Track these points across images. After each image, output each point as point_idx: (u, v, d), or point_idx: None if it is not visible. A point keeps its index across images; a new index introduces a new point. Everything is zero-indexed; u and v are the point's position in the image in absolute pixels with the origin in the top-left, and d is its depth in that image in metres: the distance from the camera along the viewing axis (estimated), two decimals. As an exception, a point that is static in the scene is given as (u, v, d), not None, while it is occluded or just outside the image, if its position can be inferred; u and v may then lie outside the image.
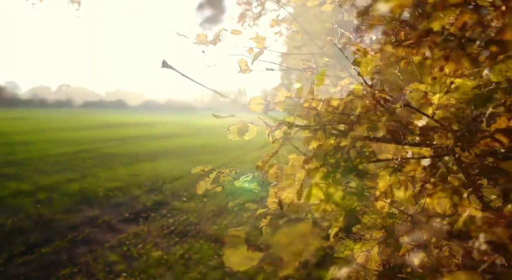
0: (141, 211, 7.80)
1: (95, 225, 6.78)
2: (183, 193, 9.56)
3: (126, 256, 5.52)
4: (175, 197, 9.13)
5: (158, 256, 5.52)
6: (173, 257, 5.54)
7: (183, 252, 5.76)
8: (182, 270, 5.12)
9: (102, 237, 6.22)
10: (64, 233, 6.21)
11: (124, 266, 5.14)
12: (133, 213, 7.67)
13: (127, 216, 7.46)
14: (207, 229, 6.88)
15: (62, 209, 7.43)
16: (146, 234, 6.50)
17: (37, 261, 5.17)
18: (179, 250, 5.80)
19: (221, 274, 5.04)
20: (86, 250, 5.63)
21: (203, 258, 5.53)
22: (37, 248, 5.57)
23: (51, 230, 6.30)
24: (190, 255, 5.66)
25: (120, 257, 5.45)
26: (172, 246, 5.97)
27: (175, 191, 9.68)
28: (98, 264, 5.17)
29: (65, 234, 6.16)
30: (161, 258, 5.48)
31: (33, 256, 5.32)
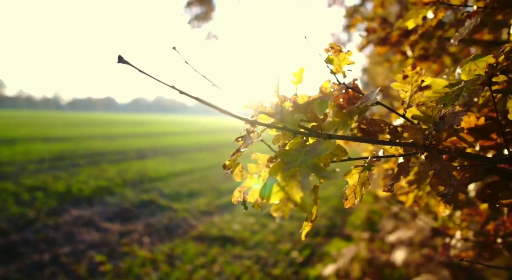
0: (127, 210, 7.71)
1: (80, 225, 6.67)
2: (171, 191, 9.50)
3: (111, 255, 5.45)
4: (163, 195, 9.05)
5: (144, 255, 5.47)
6: (159, 256, 5.49)
7: (169, 251, 5.71)
8: (168, 269, 5.08)
9: (87, 237, 6.12)
10: (47, 233, 6.09)
11: (110, 266, 5.07)
12: (119, 212, 7.58)
13: (113, 215, 7.36)
14: (194, 228, 6.84)
15: (46, 208, 7.29)
16: (132, 233, 6.43)
17: (18, 262, 5.05)
18: (165, 249, 5.76)
19: (207, 273, 5.02)
20: (69, 250, 5.53)
21: (190, 257, 5.49)
22: (17, 249, 5.45)
23: (33, 230, 6.17)
24: (177, 254, 5.62)
25: (105, 256, 5.37)
26: (158, 245, 5.92)
27: (163, 190, 9.61)
28: (82, 264, 5.09)
29: (47, 234, 6.05)
30: (147, 257, 5.42)
31: (13, 256, 5.20)
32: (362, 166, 0.77)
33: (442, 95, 0.77)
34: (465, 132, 0.80)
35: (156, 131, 35.13)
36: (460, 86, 0.76)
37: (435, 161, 0.68)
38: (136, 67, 0.52)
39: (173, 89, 0.53)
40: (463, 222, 1.66)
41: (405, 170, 0.74)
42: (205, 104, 0.55)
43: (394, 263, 4.08)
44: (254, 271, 5.13)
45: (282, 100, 0.70)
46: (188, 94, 0.55)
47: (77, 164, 12.49)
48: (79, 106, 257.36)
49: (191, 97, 0.55)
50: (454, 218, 1.87)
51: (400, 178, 0.74)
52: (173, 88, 0.53)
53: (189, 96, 0.55)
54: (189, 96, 0.55)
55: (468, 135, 0.79)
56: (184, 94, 0.54)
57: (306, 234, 0.82)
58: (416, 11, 1.00)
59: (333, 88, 0.81)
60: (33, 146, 16.21)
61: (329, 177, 0.50)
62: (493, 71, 0.76)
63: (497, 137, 0.84)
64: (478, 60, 0.80)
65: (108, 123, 47.60)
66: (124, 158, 14.61)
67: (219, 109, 0.57)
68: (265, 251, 5.84)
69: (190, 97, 0.55)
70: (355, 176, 0.78)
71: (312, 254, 5.82)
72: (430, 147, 0.70)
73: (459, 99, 0.71)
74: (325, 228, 7.13)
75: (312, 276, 4.91)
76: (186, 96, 0.58)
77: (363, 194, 0.75)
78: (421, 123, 0.77)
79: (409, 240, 4.76)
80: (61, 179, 9.88)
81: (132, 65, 0.51)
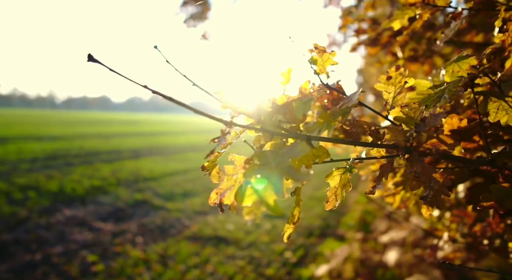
0: (121, 210, 7.66)
1: (73, 224, 6.62)
2: (165, 191, 9.46)
3: (103, 255, 5.41)
4: (157, 195, 9.01)
5: (136, 255, 5.43)
6: (152, 256, 5.46)
7: (162, 251, 5.69)
8: (161, 269, 5.05)
9: (80, 237, 6.07)
10: (39, 233, 6.04)
11: (102, 266, 5.03)
12: (113, 211, 7.53)
13: (106, 214, 7.31)
14: (187, 228, 6.81)
15: (38, 208, 7.22)
16: (125, 233, 6.39)
17: (9, 262, 5.00)
18: (159, 249, 5.73)
19: (200, 273, 5.00)
20: (61, 250, 5.49)
21: (183, 257, 5.47)
22: (8, 248, 5.39)
23: (25, 230, 6.11)
24: (170, 254, 5.59)
25: (98, 256, 5.33)
26: (151, 245, 5.89)
27: (157, 189, 9.56)
28: (73, 265, 5.04)
29: (39, 234, 5.99)
30: (140, 257, 5.39)
31: (3, 256, 5.15)
32: (344, 168, 0.76)
33: (424, 97, 0.76)
34: (445, 134, 0.79)
35: (151, 130, 35.02)
36: (442, 88, 0.76)
37: (415, 163, 0.67)
38: (107, 66, 0.50)
39: (145, 88, 0.51)
40: (452, 224, 1.67)
41: (387, 172, 0.73)
42: (178, 104, 0.54)
43: (386, 264, 4.09)
44: (247, 272, 5.11)
45: (262, 101, 0.69)
46: (160, 93, 0.54)
47: (71, 163, 12.40)
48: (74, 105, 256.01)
49: (164, 97, 0.54)
50: (444, 219, 1.88)
51: (382, 180, 0.73)
52: (145, 87, 0.52)
53: (162, 96, 0.54)
54: (162, 95, 0.54)
55: (448, 137, 0.79)
56: (157, 93, 0.53)
57: (288, 236, 0.81)
58: (402, 11, 1.00)
59: (313, 89, 0.81)
60: (26, 145, 16.07)
61: (302, 179, 0.49)
62: (475, 73, 0.76)
63: (479, 139, 0.83)
64: (461, 62, 0.79)
65: (103, 122, 47.36)
66: (118, 158, 14.53)
67: (192, 109, 0.56)
68: (258, 251, 5.83)
69: (163, 96, 0.54)
70: (336, 178, 0.77)
71: (306, 255, 5.82)
72: (411, 149, 0.69)
73: (440, 101, 0.70)
74: (319, 228, 7.13)
75: (305, 277, 4.91)
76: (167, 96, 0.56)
77: (343, 196, 0.74)
78: (403, 125, 0.77)
79: (402, 240, 4.77)
80: (54, 178, 9.80)
81: (102, 63, 0.49)
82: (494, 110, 0.75)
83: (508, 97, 0.74)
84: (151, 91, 0.53)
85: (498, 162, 0.75)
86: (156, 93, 0.53)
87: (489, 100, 0.76)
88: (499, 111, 0.74)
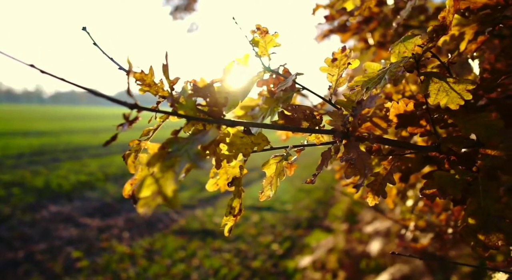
0: (108, 205, 7.58)
1: (58, 221, 6.53)
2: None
3: (88, 251, 5.35)
4: (145, 190, 8.94)
5: (122, 251, 5.38)
6: (138, 251, 5.41)
7: (148, 245, 5.64)
8: (146, 264, 5.01)
9: (65, 233, 5.99)
10: (22, 230, 5.94)
11: (86, 262, 4.97)
12: (100, 207, 7.45)
13: (93, 210, 7.23)
14: (175, 222, 6.77)
15: (22, 205, 7.10)
16: (112, 228, 6.32)
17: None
18: (145, 244, 5.68)
19: (186, 267, 4.97)
20: (45, 247, 5.41)
21: (169, 251, 5.43)
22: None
23: (8, 227, 6.01)
24: (156, 248, 5.55)
25: (82, 252, 5.27)
26: (138, 240, 5.84)
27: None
28: (57, 261, 4.98)
29: (23, 231, 5.90)
30: (126, 252, 5.34)
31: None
32: (281, 156, 0.72)
33: (368, 79, 0.72)
34: (382, 116, 0.75)
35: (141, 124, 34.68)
36: (385, 69, 0.72)
37: (351, 149, 0.63)
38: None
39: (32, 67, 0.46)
40: (420, 213, 1.65)
41: (327, 159, 0.69)
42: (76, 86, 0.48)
43: (369, 254, 4.11)
44: (233, 264, 5.10)
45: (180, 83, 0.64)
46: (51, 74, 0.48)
47: (58, 159, 12.22)
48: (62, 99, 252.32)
49: (56, 78, 0.48)
50: (417, 209, 1.86)
51: (323, 167, 0.69)
52: (32, 67, 0.46)
53: (54, 77, 0.48)
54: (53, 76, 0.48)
55: (381, 120, 0.75)
56: (46, 73, 0.48)
57: (229, 229, 0.77)
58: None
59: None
60: (12, 141, 15.79)
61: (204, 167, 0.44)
62: (420, 53, 0.72)
63: (426, 124, 0.80)
64: (407, 42, 0.75)
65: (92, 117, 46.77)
66: (107, 153, 14.36)
67: (92, 92, 0.51)
68: (245, 244, 5.83)
69: (55, 77, 0.48)
70: (273, 167, 0.72)
71: (292, 246, 5.83)
72: (348, 134, 0.65)
73: (381, 82, 0.66)
74: (306, 220, 7.15)
75: (290, 268, 4.91)
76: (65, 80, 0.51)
77: (278, 186, 0.70)
78: (343, 109, 0.73)
79: (386, 230, 4.80)
80: (40, 174, 9.64)
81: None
82: (435, 91, 0.71)
83: (450, 78, 0.70)
84: (39, 71, 0.47)
85: (443, 147, 0.71)
86: (45, 73, 0.48)
87: (431, 81, 0.72)
88: (439, 93, 0.70)
